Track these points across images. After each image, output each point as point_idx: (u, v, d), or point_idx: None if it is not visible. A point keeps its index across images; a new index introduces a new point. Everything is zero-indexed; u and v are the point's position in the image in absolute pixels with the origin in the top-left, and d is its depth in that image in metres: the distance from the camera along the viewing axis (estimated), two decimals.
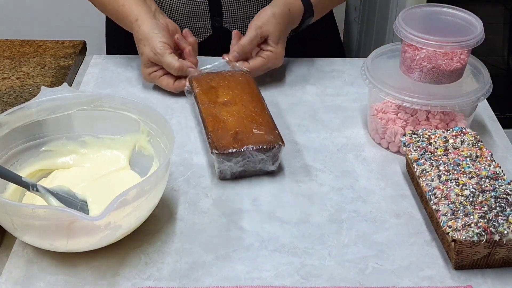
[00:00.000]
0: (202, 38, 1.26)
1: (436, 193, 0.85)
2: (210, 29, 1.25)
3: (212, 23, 1.24)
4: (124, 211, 0.77)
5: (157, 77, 1.13)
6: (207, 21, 1.24)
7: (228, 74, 1.09)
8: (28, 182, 0.84)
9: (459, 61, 0.99)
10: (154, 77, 1.13)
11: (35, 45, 1.27)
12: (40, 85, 1.14)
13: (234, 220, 0.89)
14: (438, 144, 0.94)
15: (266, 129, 0.97)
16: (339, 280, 0.81)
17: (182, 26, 1.25)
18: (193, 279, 0.80)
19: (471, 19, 1.02)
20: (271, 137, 0.95)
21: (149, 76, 1.13)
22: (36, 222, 0.76)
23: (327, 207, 0.92)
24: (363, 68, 1.04)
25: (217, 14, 1.23)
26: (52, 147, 0.94)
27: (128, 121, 0.93)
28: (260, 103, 1.03)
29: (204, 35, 1.26)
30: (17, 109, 0.90)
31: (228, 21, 1.24)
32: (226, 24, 1.24)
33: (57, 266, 0.82)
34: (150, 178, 0.79)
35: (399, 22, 1.00)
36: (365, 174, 0.98)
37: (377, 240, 0.87)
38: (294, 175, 0.98)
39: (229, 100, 1.03)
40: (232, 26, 1.24)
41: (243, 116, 0.99)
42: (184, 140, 1.04)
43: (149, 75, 1.13)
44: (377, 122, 1.03)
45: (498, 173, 0.88)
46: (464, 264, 0.82)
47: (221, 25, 1.24)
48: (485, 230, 0.79)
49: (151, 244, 0.85)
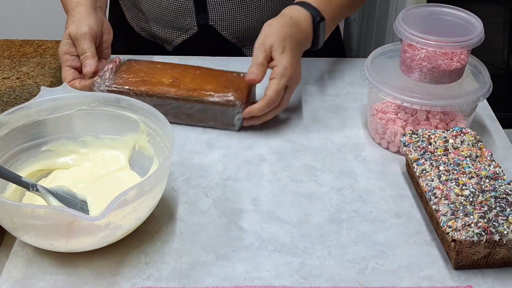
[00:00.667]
0: (188, 35, 1.26)
1: (436, 193, 0.85)
2: (196, 26, 1.25)
3: (198, 20, 1.24)
4: (124, 211, 0.77)
5: (68, 62, 1.07)
6: (193, 18, 1.24)
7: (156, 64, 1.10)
8: (28, 182, 0.84)
9: (459, 61, 0.99)
10: (65, 60, 1.07)
11: (35, 45, 1.27)
12: (40, 85, 1.13)
13: (234, 220, 0.89)
14: (438, 144, 0.94)
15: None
16: (339, 280, 0.81)
17: (168, 22, 1.26)
18: (193, 279, 0.80)
19: (471, 19, 1.02)
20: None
21: (64, 55, 1.07)
22: (36, 222, 0.76)
23: (327, 207, 0.92)
24: (363, 68, 1.04)
25: (202, 10, 1.23)
26: (52, 147, 0.94)
27: (128, 121, 0.93)
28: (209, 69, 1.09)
29: (190, 32, 1.26)
30: (17, 109, 0.90)
31: (214, 19, 1.24)
32: (211, 22, 1.24)
33: (57, 266, 0.82)
34: (150, 178, 0.79)
35: (399, 22, 1.00)
36: (365, 174, 0.98)
37: (377, 240, 0.87)
38: (294, 175, 0.98)
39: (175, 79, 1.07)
40: (218, 24, 1.24)
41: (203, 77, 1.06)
42: (184, 140, 1.04)
43: (64, 54, 1.07)
44: (377, 122, 1.03)
45: (498, 173, 0.88)
46: (464, 264, 0.82)
47: (206, 23, 1.24)
48: (485, 230, 0.79)
49: (151, 244, 0.85)
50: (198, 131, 1.06)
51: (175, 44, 1.29)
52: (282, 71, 1.01)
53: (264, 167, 0.99)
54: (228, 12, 1.23)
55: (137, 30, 1.33)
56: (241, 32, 1.26)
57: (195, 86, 1.05)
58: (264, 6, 1.24)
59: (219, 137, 1.05)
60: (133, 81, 1.06)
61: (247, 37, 1.27)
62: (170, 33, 1.28)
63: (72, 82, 1.05)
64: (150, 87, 1.05)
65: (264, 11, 1.24)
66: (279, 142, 1.04)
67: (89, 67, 1.05)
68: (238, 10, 1.22)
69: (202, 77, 1.07)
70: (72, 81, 1.05)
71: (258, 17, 1.25)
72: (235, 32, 1.26)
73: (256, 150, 1.03)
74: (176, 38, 1.29)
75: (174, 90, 1.04)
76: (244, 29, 1.26)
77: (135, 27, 1.33)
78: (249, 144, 1.04)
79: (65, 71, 1.06)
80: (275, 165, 1.00)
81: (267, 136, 1.06)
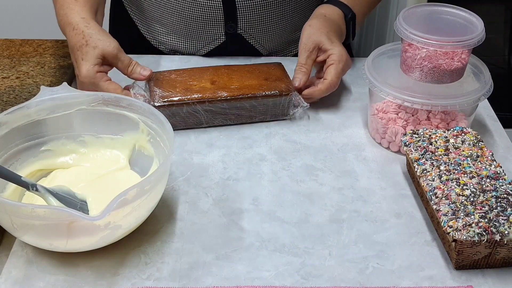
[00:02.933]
0: (214, 45, 1.24)
1: (436, 193, 0.85)
2: (224, 35, 1.22)
3: (226, 29, 1.21)
4: (124, 211, 0.77)
5: (104, 77, 1.03)
6: (221, 27, 1.21)
7: (184, 70, 1.09)
8: (27, 181, 0.83)
9: (460, 61, 0.99)
10: (101, 77, 1.02)
11: (35, 44, 1.27)
12: (39, 84, 1.13)
13: (234, 220, 0.89)
14: (439, 143, 0.94)
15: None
16: (339, 280, 0.81)
17: (194, 33, 1.22)
18: (193, 279, 0.80)
19: (472, 18, 1.02)
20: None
21: (97, 73, 1.02)
22: (35, 222, 0.76)
23: (328, 207, 0.92)
24: (363, 68, 1.04)
25: (232, 19, 1.20)
26: (52, 147, 0.94)
27: (128, 121, 0.93)
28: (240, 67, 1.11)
29: (216, 42, 1.23)
30: (16, 108, 0.89)
31: (242, 27, 1.21)
32: (240, 30, 1.22)
33: (56, 266, 0.81)
34: (150, 178, 0.79)
35: (400, 21, 1.00)
36: (365, 174, 0.98)
37: (377, 240, 0.86)
38: (294, 175, 0.97)
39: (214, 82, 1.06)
40: (246, 32, 1.22)
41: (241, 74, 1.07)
42: (184, 140, 1.04)
43: (96, 72, 1.02)
44: (377, 122, 1.03)
45: (499, 172, 0.88)
46: (464, 264, 0.82)
47: (235, 31, 1.22)
48: (486, 230, 0.79)
49: (151, 244, 0.85)
50: (198, 131, 1.06)
51: (199, 55, 1.26)
52: (339, 57, 1.08)
53: (264, 166, 0.99)
54: (258, 20, 1.21)
55: (154, 44, 1.28)
56: (269, 39, 1.25)
57: (239, 84, 1.06)
58: (293, 13, 1.24)
59: (219, 137, 1.05)
60: (177, 91, 1.04)
61: (274, 44, 1.26)
62: (194, 44, 1.25)
63: (124, 92, 1.02)
64: (200, 94, 1.03)
65: (293, 16, 1.24)
66: (279, 142, 1.04)
67: (147, 71, 1.05)
68: (268, 17, 1.21)
69: (238, 75, 1.08)
70: (123, 91, 1.02)
71: (286, 24, 1.24)
72: (263, 40, 1.24)
73: (256, 150, 1.02)
74: (201, 49, 1.25)
75: (223, 92, 1.04)
76: (272, 37, 1.25)
77: (152, 41, 1.28)
78: (249, 144, 1.04)
79: (109, 85, 1.02)
80: (275, 164, 0.99)
81: (267, 136, 1.05)
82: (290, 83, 1.07)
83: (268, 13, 1.21)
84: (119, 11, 1.31)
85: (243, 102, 1.04)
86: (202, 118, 1.05)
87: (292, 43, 1.28)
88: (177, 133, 1.02)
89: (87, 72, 1.01)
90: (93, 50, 1.02)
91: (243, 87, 1.05)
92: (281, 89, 1.06)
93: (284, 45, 1.28)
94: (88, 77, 1.01)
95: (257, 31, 1.23)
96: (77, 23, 1.04)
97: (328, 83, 1.07)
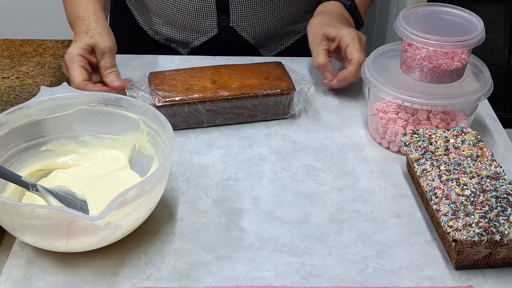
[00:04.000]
0: (207, 37, 1.26)
1: (436, 193, 0.85)
2: (216, 28, 1.24)
3: (219, 21, 1.23)
4: (124, 211, 0.77)
5: (81, 62, 1.03)
6: (214, 20, 1.23)
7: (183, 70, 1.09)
8: (27, 182, 0.83)
9: (460, 61, 0.99)
10: (78, 60, 1.02)
11: (35, 44, 1.27)
12: (39, 84, 1.13)
13: (234, 220, 0.89)
14: (439, 143, 0.94)
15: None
16: (339, 280, 0.81)
17: (187, 25, 1.25)
18: (193, 279, 0.80)
19: (471, 18, 1.01)
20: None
21: (77, 56, 1.03)
22: (35, 222, 0.76)
23: (328, 207, 0.92)
24: (363, 68, 1.04)
25: (224, 12, 1.22)
26: (52, 147, 0.94)
27: (128, 121, 0.93)
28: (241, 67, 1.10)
29: (209, 34, 1.26)
30: (16, 108, 0.89)
31: (235, 20, 1.23)
32: (232, 23, 1.24)
33: (56, 266, 0.81)
34: (150, 178, 0.79)
35: (400, 21, 1.00)
36: (365, 174, 0.98)
37: (377, 240, 0.86)
38: (294, 175, 0.97)
39: (215, 81, 1.06)
40: (239, 25, 1.24)
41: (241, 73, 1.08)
42: (184, 140, 1.04)
43: (78, 55, 1.03)
44: (377, 122, 1.03)
45: (499, 173, 0.88)
46: (464, 264, 0.82)
47: (227, 24, 1.24)
48: (486, 230, 0.79)
49: (151, 244, 0.85)
50: (198, 131, 1.06)
51: (192, 46, 1.29)
52: (349, 36, 1.09)
53: (264, 166, 0.99)
54: (250, 13, 1.23)
55: (150, 34, 1.31)
56: (261, 32, 1.27)
57: (240, 84, 1.06)
58: (285, 7, 1.25)
59: (219, 137, 1.05)
60: (178, 91, 1.04)
61: (266, 37, 1.28)
62: (188, 36, 1.27)
63: (84, 83, 1.01)
64: (201, 94, 1.03)
65: (285, 10, 1.25)
66: (279, 142, 1.04)
67: (118, 83, 1.04)
68: (260, 11, 1.23)
69: (239, 74, 1.08)
70: (84, 81, 1.01)
71: (278, 17, 1.26)
72: (255, 33, 1.26)
73: (256, 150, 1.02)
74: (194, 40, 1.27)
75: (224, 91, 1.04)
76: (264, 30, 1.26)
77: (149, 31, 1.31)
78: (249, 144, 1.04)
79: (77, 70, 1.01)
80: (275, 164, 0.99)
81: (267, 136, 1.05)
82: (290, 82, 1.07)
83: (260, 7, 1.23)
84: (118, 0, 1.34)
85: (244, 102, 1.05)
86: (203, 118, 1.05)
87: (284, 36, 1.30)
88: (177, 133, 1.02)
89: (71, 50, 1.04)
90: (87, 38, 1.05)
91: (244, 86, 1.05)
92: (282, 88, 1.06)
93: (276, 39, 1.29)
94: (69, 55, 1.04)
95: (249, 24, 1.24)
96: (88, 17, 1.08)
97: (355, 61, 1.08)
